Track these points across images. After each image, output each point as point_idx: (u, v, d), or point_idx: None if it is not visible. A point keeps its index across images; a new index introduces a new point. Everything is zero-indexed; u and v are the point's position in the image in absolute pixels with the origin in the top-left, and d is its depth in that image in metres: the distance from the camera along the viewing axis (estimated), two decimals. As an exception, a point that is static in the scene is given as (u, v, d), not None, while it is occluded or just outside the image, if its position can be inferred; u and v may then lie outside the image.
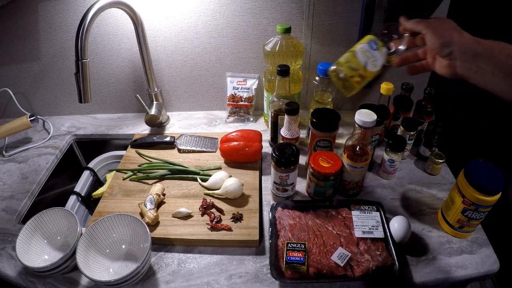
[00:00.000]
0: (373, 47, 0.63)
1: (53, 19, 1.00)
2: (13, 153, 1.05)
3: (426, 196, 0.85)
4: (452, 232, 0.75)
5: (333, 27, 0.98)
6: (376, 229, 0.72)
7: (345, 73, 0.63)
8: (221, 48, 1.05)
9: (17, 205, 0.89)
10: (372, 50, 0.63)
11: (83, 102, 0.81)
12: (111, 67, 1.10)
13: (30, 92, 1.16)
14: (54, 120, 1.18)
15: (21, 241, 0.70)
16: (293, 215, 0.76)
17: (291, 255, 0.67)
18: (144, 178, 0.91)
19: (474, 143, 1.17)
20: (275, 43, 0.92)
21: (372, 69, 0.63)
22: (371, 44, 0.63)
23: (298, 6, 0.95)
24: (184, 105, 1.19)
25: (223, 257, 0.73)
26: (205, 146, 1.01)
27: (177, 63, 1.08)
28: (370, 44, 0.63)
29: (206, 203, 0.81)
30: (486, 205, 0.67)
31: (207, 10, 0.97)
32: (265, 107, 1.08)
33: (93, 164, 1.09)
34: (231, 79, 1.10)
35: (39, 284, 0.70)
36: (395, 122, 0.96)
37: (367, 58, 0.63)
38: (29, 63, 1.09)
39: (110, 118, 1.19)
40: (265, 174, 0.93)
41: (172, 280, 0.69)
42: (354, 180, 0.81)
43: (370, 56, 0.62)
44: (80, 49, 0.76)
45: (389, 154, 0.85)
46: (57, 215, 0.76)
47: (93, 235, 0.71)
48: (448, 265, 0.70)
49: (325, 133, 0.82)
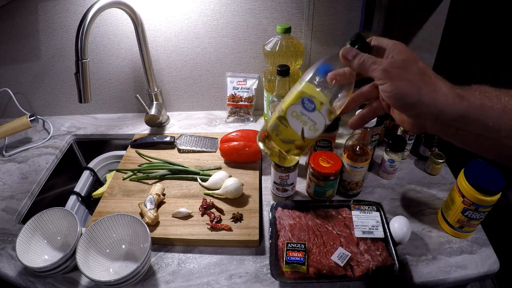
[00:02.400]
0: (309, 108, 0.45)
1: (53, 19, 1.00)
2: (13, 153, 1.05)
3: (426, 196, 0.85)
4: (452, 232, 0.75)
5: (333, 27, 0.98)
6: (376, 229, 0.72)
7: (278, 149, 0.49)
8: (221, 48, 1.05)
9: (17, 205, 0.89)
10: (308, 112, 0.45)
11: (83, 102, 0.81)
12: (111, 67, 1.10)
13: (30, 92, 1.16)
14: (54, 120, 1.18)
15: (21, 241, 0.70)
16: (293, 215, 0.76)
17: (291, 255, 0.67)
18: (144, 178, 0.91)
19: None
20: (275, 43, 0.92)
21: (312, 135, 0.47)
22: (305, 104, 0.45)
23: (298, 6, 0.95)
24: (184, 105, 1.19)
25: (223, 257, 0.73)
26: (205, 146, 1.01)
27: (177, 63, 1.08)
28: (304, 105, 0.45)
29: (206, 203, 0.81)
30: (486, 205, 0.67)
31: (207, 10, 0.97)
32: (265, 107, 1.08)
33: (93, 164, 1.09)
34: (231, 79, 1.10)
35: (39, 284, 0.70)
36: (395, 122, 0.96)
37: (303, 123, 0.46)
38: (29, 63, 1.09)
39: (110, 118, 1.19)
40: (265, 174, 0.93)
41: (172, 280, 0.69)
42: (354, 180, 0.81)
43: (307, 120, 0.46)
44: (80, 49, 0.76)
45: (389, 154, 0.85)
46: (57, 215, 0.76)
47: (93, 235, 0.71)
48: (448, 265, 0.70)
49: (325, 133, 0.82)
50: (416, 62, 0.40)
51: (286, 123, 0.47)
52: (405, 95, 0.38)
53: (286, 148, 0.48)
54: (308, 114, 0.46)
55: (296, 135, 0.47)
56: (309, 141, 0.48)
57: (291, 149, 0.48)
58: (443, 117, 0.38)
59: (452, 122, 0.38)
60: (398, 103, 0.40)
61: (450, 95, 0.38)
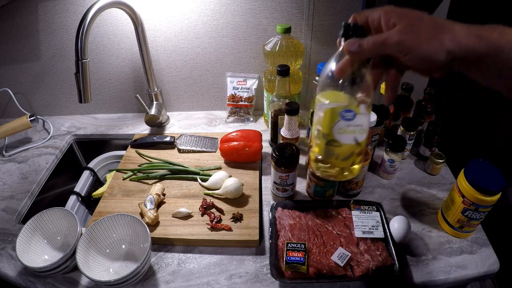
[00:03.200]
0: (350, 118, 0.44)
1: (53, 19, 1.00)
2: (13, 153, 1.05)
3: (426, 196, 0.85)
4: (452, 232, 0.75)
5: (333, 27, 0.98)
6: (376, 229, 0.72)
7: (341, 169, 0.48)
8: (221, 48, 1.05)
9: (17, 205, 0.89)
10: (351, 121, 0.44)
11: (83, 102, 0.81)
12: (111, 67, 1.10)
13: (30, 92, 1.16)
14: (54, 120, 1.18)
15: (21, 241, 0.70)
16: (293, 215, 0.76)
17: (291, 255, 0.67)
18: (144, 178, 0.91)
19: (474, 143, 1.17)
20: (275, 43, 0.92)
21: (364, 136, 0.46)
22: (346, 116, 0.44)
23: (298, 6, 0.95)
24: (184, 105, 1.19)
25: (223, 257, 0.73)
26: (205, 146, 1.01)
27: (177, 63, 1.08)
28: (344, 118, 0.44)
29: (206, 203, 0.81)
30: (486, 205, 0.67)
31: (207, 10, 0.97)
32: (265, 107, 1.08)
33: (93, 164, 1.09)
34: (231, 79, 1.10)
35: (39, 284, 0.70)
36: (395, 122, 0.96)
37: (353, 132, 0.45)
38: (29, 63, 1.09)
39: (110, 118, 1.19)
40: (265, 174, 0.93)
41: (172, 280, 0.69)
42: (354, 180, 0.81)
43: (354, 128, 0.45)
44: (80, 49, 0.76)
45: (389, 154, 0.85)
46: (57, 215, 0.76)
47: (93, 235, 0.71)
48: (448, 265, 0.70)
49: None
50: (420, 18, 0.39)
51: (337, 143, 0.46)
52: (432, 56, 0.37)
53: (349, 163, 0.48)
54: (352, 122, 0.44)
55: (353, 147, 0.46)
56: (365, 142, 0.47)
57: (354, 160, 0.48)
58: (468, 58, 0.38)
59: (474, 62, 0.38)
60: (429, 65, 0.39)
61: (471, 35, 0.37)
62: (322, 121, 0.46)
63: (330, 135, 0.45)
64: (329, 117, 0.45)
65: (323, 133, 0.46)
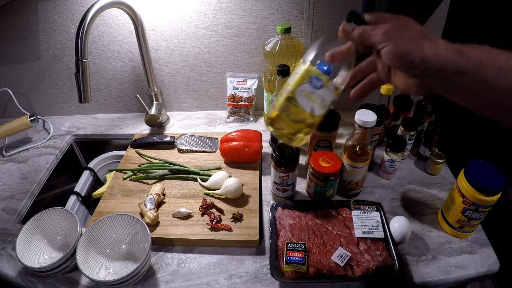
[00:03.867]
0: (317, 86, 0.47)
1: (53, 19, 1.00)
2: (13, 153, 1.05)
3: (426, 196, 0.85)
4: (452, 232, 0.75)
5: (333, 27, 0.98)
6: (376, 229, 0.72)
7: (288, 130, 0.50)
8: (221, 48, 1.05)
9: (17, 205, 0.89)
10: (316, 90, 0.47)
11: (83, 102, 0.81)
12: (111, 67, 1.10)
13: (30, 92, 1.16)
14: (54, 120, 1.18)
15: (21, 241, 0.70)
16: (293, 215, 0.76)
17: (291, 255, 0.67)
18: (144, 178, 0.91)
19: (474, 143, 1.17)
20: (275, 43, 0.92)
21: (321, 112, 0.48)
22: (314, 82, 0.47)
23: (298, 6, 0.95)
24: (184, 105, 1.19)
25: (223, 257, 0.73)
26: (205, 146, 1.01)
27: (177, 63, 1.08)
28: (312, 83, 0.47)
29: (206, 203, 0.81)
30: (486, 205, 0.67)
31: (207, 10, 0.97)
32: (265, 107, 1.08)
33: (93, 164, 1.09)
34: (231, 79, 1.10)
35: (39, 284, 0.70)
36: (395, 122, 0.96)
37: (313, 101, 0.47)
38: (29, 63, 1.09)
39: (110, 118, 1.19)
40: (265, 174, 0.93)
41: (172, 280, 0.69)
42: (354, 180, 0.81)
43: (316, 98, 0.47)
44: (80, 49, 0.76)
45: (389, 154, 0.85)
46: (57, 215, 0.76)
47: (93, 235, 0.71)
48: (448, 265, 0.70)
49: (325, 133, 0.82)
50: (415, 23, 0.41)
51: (295, 103, 0.48)
52: (409, 52, 0.39)
53: (296, 128, 0.49)
54: (316, 91, 0.47)
55: (306, 114, 0.48)
56: (319, 118, 0.49)
57: (301, 128, 0.49)
58: (446, 71, 0.38)
59: (453, 77, 0.38)
60: (403, 62, 0.40)
61: (450, 49, 0.38)
62: (293, 79, 0.48)
63: (293, 92, 0.48)
64: (301, 76, 0.47)
65: (289, 89, 0.48)
